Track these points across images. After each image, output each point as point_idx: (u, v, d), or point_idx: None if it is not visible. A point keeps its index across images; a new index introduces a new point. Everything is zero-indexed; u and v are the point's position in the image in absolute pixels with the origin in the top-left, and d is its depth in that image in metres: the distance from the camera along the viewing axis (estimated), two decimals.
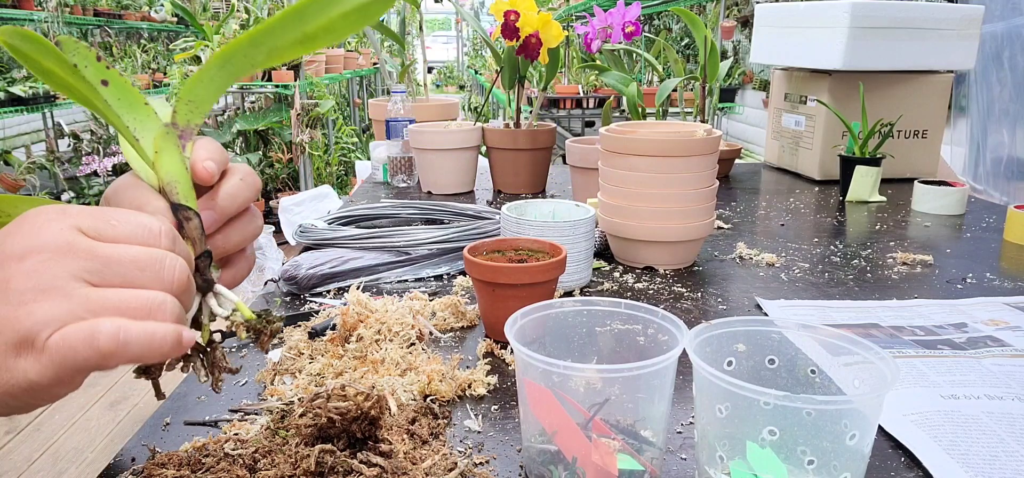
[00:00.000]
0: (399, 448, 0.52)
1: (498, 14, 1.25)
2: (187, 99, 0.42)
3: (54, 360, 0.34)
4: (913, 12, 1.46)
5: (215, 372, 0.43)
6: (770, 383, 0.52)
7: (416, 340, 0.73)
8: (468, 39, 10.74)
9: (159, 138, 0.41)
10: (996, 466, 0.52)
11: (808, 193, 1.49)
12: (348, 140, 4.87)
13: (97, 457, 2.21)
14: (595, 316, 0.58)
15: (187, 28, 5.46)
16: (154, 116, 0.42)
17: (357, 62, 5.36)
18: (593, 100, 5.17)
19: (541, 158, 1.44)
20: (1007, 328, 0.78)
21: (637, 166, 0.94)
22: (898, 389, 0.63)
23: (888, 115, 1.47)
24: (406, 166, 1.50)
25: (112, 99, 0.40)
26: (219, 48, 2.63)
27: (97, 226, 0.37)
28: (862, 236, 1.17)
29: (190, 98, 0.42)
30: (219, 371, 0.43)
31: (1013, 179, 2.17)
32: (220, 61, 0.41)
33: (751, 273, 0.98)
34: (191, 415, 0.61)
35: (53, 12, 4.81)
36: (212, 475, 0.49)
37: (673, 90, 1.41)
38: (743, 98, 5.38)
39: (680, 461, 0.54)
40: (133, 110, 0.41)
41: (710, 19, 4.74)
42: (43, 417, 2.44)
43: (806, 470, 0.44)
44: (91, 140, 4.77)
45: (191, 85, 0.42)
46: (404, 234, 0.96)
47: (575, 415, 0.48)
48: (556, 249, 0.77)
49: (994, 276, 0.97)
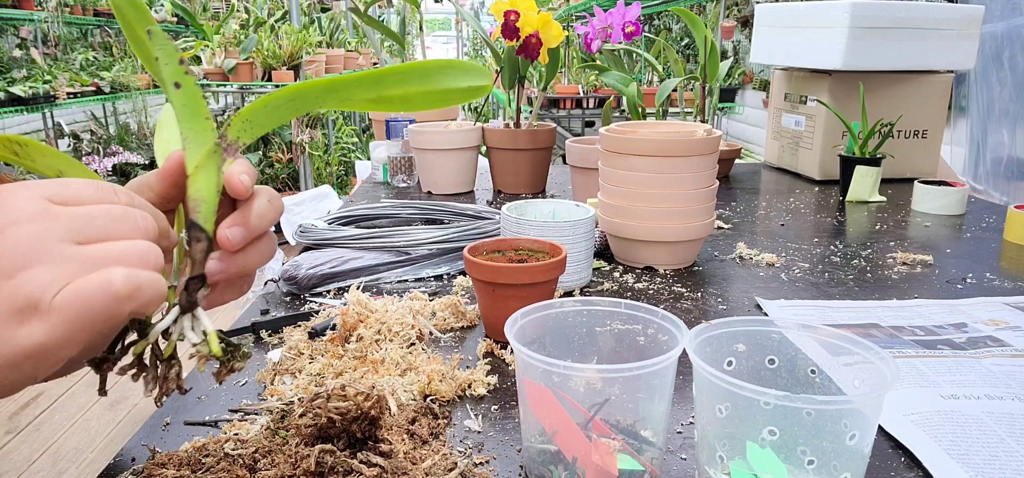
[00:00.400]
0: (399, 448, 0.52)
1: (498, 14, 1.25)
2: (245, 118, 0.43)
3: (66, 316, 0.34)
4: (913, 12, 1.46)
5: (164, 386, 0.42)
6: (770, 383, 0.52)
7: (416, 340, 0.73)
8: (468, 39, 10.73)
9: (206, 155, 0.42)
10: (996, 466, 0.52)
11: (808, 193, 1.49)
12: (348, 140, 4.87)
13: (97, 457, 2.21)
14: (595, 316, 0.58)
15: (187, 28, 5.46)
16: (210, 132, 0.42)
17: (357, 62, 5.35)
18: (593, 100, 5.17)
19: (541, 158, 1.44)
20: (1007, 328, 0.78)
21: (637, 166, 0.94)
22: (898, 389, 0.63)
23: (888, 115, 1.47)
24: (406, 166, 1.50)
25: (178, 102, 0.41)
26: (219, 48, 2.63)
27: (61, 192, 0.37)
28: (862, 236, 1.17)
29: (249, 118, 0.43)
30: (169, 387, 0.42)
31: (1013, 179, 2.17)
32: (291, 94, 0.42)
33: (751, 273, 0.98)
34: (191, 415, 0.61)
35: (53, 12, 4.80)
36: (212, 475, 0.49)
37: (673, 90, 1.41)
38: (743, 98, 5.38)
39: (680, 461, 0.54)
40: (194, 119, 0.42)
41: (710, 19, 4.74)
42: (43, 417, 2.44)
43: (806, 470, 0.44)
44: (91, 140, 4.78)
45: (254, 107, 0.43)
46: (404, 234, 0.96)
47: (575, 415, 0.48)
48: (556, 249, 0.77)
49: (994, 276, 0.97)
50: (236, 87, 4.18)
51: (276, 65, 4.12)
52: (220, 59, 4.08)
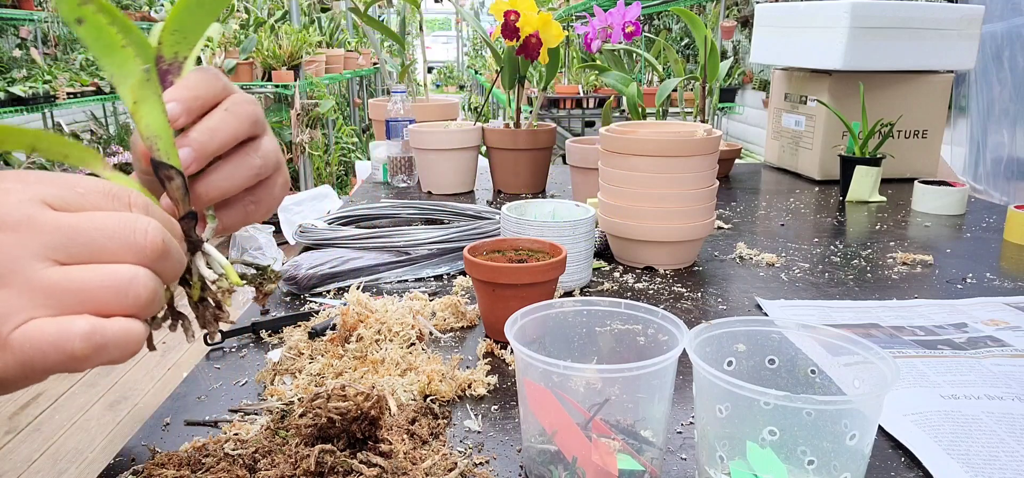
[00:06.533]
0: (399, 448, 0.52)
1: (498, 14, 1.25)
2: (173, 28, 0.37)
3: (18, 358, 0.31)
4: (913, 12, 1.46)
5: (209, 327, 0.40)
6: (770, 383, 0.52)
7: (416, 340, 0.73)
8: (468, 39, 10.74)
9: (137, 86, 0.36)
10: (996, 466, 0.52)
11: (808, 193, 1.49)
12: (348, 140, 4.87)
13: (97, 457, 2.21)
14: (595, 316, 0.58)
15: None
16: (133, 60, 0.37)
17: (357, 62, 5.35)
18: (593, 100, 5.17)
19: (541, 158, 1.44)
20: (1007, 328, 0.77)
21: (637, 166, 0.94)
22: (898, 389, 0.63)
23: (888, 115, 1.47)
24: (406, 166, 1.50)
25: (88, 40, 0.35)
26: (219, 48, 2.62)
27: (62, 195, 0.34)
28: (862, 236, 1.17)
29: (177, 27, 0.37)
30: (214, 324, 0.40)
31: (1013, 179, 2.17)
32: None
33: (751, 273, 0.98)
34: (191, 415, 0.61)
35: (53, 12, 4.80)
36: (212, 475, 0.49)
37: (673, 90, 1.41)
38: (743, 98, 5.38)
39: (680, 461, 0.54)
40: (110, 53, 0.36)
41: (710, 19, 4.74)
42: (43, 417, 2.44)
43: (806, 470, 0.44)
44: (91, 140, 4.78)
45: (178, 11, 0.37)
46: (404, 234, 0.96)
47: (575, 415, 0.48)
48: (556, 249, 0.77)
49: (994, 276, 0.97)
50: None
51: (276, 65, 4.12)
52: (220, 59, 4.08)
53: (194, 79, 0.39)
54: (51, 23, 4.83)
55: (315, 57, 4.32)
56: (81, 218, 0.33)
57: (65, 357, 0.32)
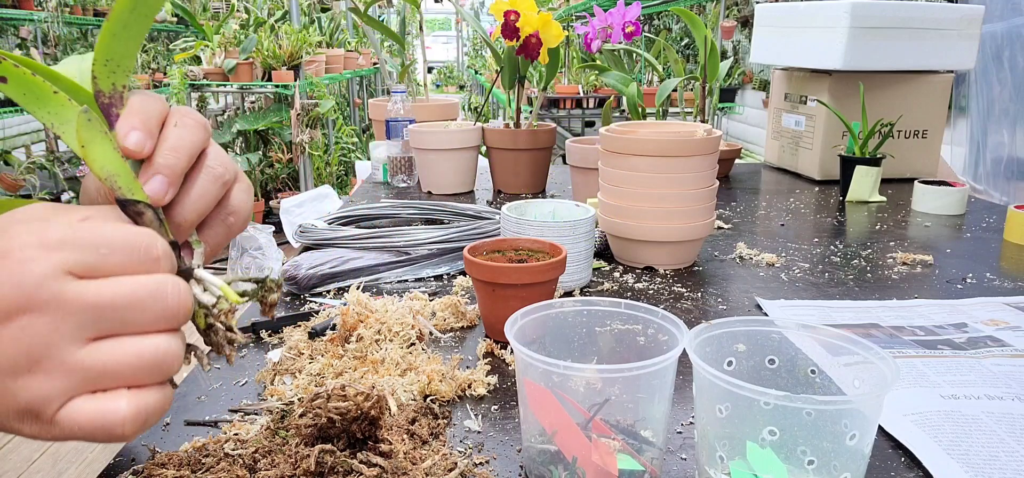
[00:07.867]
0: (399, 448, 0.52)
1: (498, 14, 1.25)
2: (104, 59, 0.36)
3: (65, 431, 0.33)
4: (913, 12, 1.46)
5: (223, 351, 0.40)
6: (770, 383, 0.52)
7: (416, 340, 0.73)
8: (468, 39, 10.73)
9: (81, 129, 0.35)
10: (996, 466, 0.52)
11: (808, 193, 1.49)
12: (348, 140, 4.87)
13: (97, 457, 2.21)
14: (595, 316, 0.58)
15: (187, 28, 5.45)
16: (67, 105, 0.35)
17: (357, 62, 5.35)
18: (593, 100, 5.17)
19: (541, 158, 1.44)
20: (1007, 328, 0.77)
21: (637, 166, 0.94)
22: (898, 389, 0.63)
23: (888, 115, 1.47)
24: (406, 166, 1.50)
25: (18, 96, 0.35)
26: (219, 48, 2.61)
27: (85, 261, 0.33)
28: (862, 236, 1.17)
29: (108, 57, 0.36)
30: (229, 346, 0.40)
31: (1013, 179, 2.17)
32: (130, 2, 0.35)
33: (751, 273, 0.98)
34: (191, 415, 0.61)
35: (53, 12, 4.81)
36: (212, 475, 0.49)
37: (673, 90, 1.41)
38: (743, 98, 5.38)
39: (680, 461, 0.54)
40: (43, 104, 0.35)
41: (710, 19, 4.74)
42: None
43: (806, 470, 0.44)
44: None
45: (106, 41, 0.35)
46: (404, 234, 0.96)
47: (575, 415, 0.48)
48: (556, 249, 0.77)
49: (994, 276, 0.97)
50: (236, 87, 4.19)
51: (276, 65, 4.12)
52: (220, 59, 4.08)
53: (138, 103, 0.38)
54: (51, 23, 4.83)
55: (315, 57, 4.31)
56: (110, 290, 0.33)
57: (111, 436, 0.33)
